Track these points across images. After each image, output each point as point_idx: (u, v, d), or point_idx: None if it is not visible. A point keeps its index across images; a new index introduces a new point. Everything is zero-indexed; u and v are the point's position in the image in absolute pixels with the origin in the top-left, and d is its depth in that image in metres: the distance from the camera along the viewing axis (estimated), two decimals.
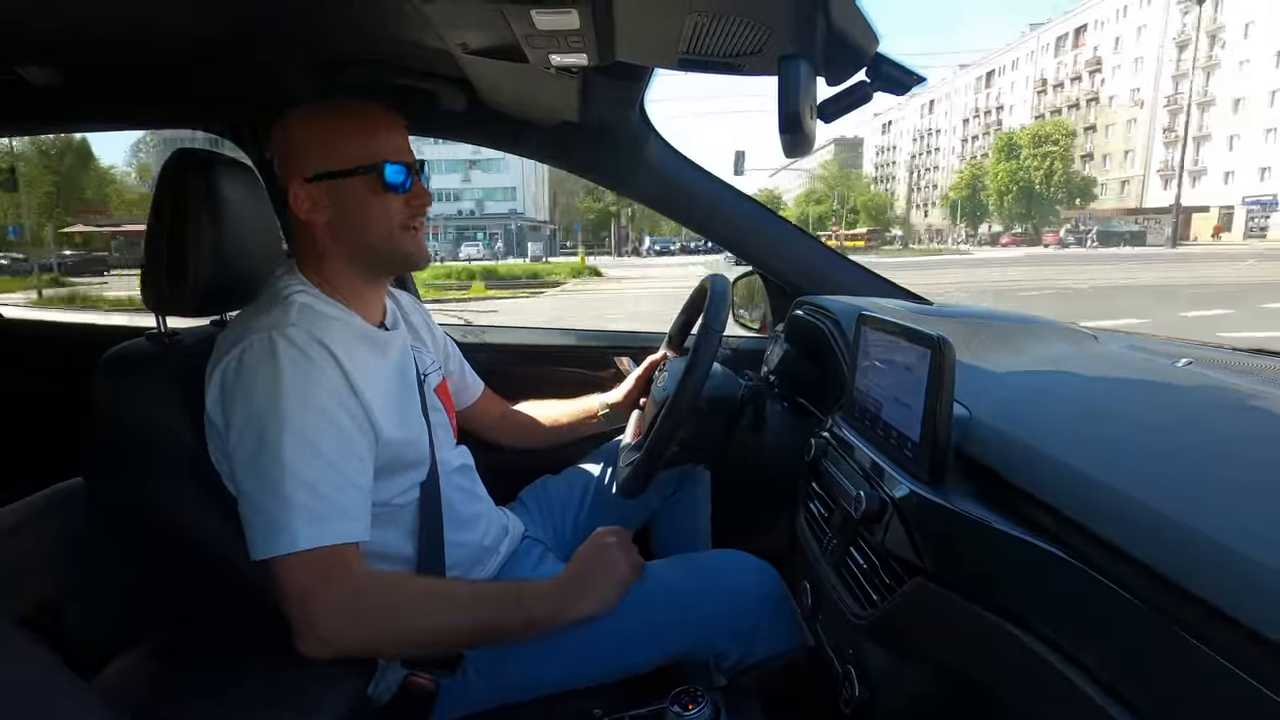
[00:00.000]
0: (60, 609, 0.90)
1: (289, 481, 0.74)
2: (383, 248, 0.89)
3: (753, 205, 1.45)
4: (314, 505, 0.75)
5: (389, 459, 0.86)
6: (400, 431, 0.87)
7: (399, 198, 0.87)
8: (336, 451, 0.78)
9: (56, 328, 1.88)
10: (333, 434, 0.78)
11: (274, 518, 0.74)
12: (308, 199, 0.86)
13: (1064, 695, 0.44)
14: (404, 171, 0.87)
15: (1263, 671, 0.33)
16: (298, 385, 0.77)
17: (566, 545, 1.19)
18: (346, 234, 0.88)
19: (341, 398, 0.80)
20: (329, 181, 0.85)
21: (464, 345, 1.25)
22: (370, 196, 0.86)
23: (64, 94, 1.18)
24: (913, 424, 0.66)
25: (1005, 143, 50.55)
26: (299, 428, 0.75)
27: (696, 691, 0.79)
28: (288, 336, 0.78)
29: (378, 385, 0.86)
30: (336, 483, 0.77)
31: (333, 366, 0.80)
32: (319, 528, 0.75)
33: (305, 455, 0.75)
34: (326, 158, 0.85)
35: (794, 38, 0.73)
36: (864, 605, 0.70)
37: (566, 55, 0.83)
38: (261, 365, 0.77)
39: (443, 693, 0.90)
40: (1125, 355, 0.92)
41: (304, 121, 0.87)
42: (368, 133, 0.86)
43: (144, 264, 0.91)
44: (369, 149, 0.85)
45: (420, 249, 0.92)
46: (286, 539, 0.73)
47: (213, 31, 0.98)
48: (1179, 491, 0.47)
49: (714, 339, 0.94)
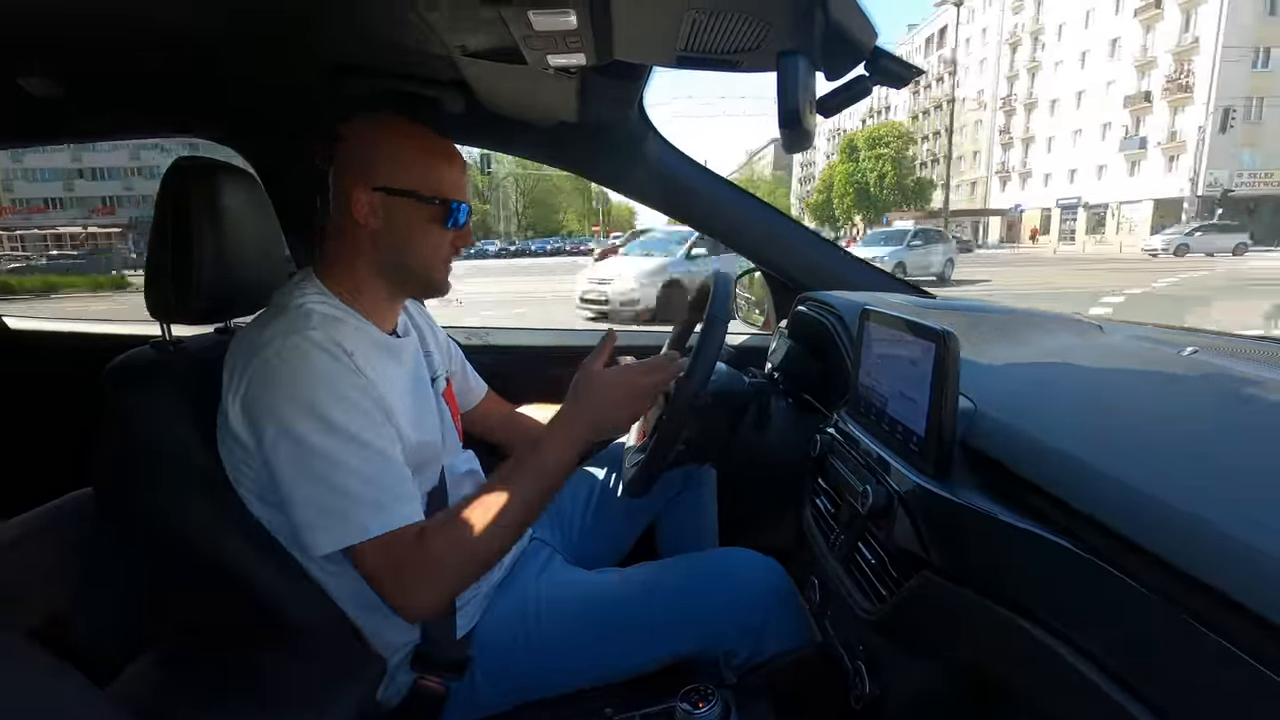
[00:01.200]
0: (70, 621, 0.90)
1: (342, 475, 0.76)
2: (420, 273, 0.91)
3: (753, 202, 1.45)
4: (372, 493, 0.77)
5: (408, 463, 0.86)
6: (417, 435, 0.89)
7: (450, 233, 0.90)
8: (380, 439, 0.80)
9: (60, 337, 1.89)
10: (373, 425, 0.80)
11: (337, 510, 0.76)
12: (368, 204, 0.86)
13: (1074, 686, 0.43)
14: (460, 211, 0.90)
15: (1268, 656, 0.33)
16: (331, 382, 0.78)
17: (573, 547, 1.19)
18: (389, 248, 0.89)
19: (371, 394, 0.81)
20: (390, 196, 0.86)
21: (467, 348, 1.25)
22: (426, 224, 0.88)
23: (64, 104, 1.18)
24: (918, 418, 0.65)
25: (847, 144, 49.89)
26: (341, 422, 0.77)
27: (706, 689, 0.79)
28: (311, 339, 0.79)
29: (396, 392, 0.87)
30: (387, 468, 0.79)
31: (356, 369, 0.81)
32: (382, 514, 0.77)
33: (352, 447, 0.77)
34: (394, 172, 0.86)
35: (792, 33, 0.73)
36: (872, 600, 0.70)
37: (564, 55, 0.83)
38: (290, 367, 0.77)
39: (452, 696, 0.90)
40: (1130, 345, 0.91)
41: (376, 130, 0.88)
42: (442, 163, 0.89)
43: (146, 272, 0.91)
44: (439, 179, 0.88)
45: (446, 278, 0.94)
46: (355, 529, 0.76)
47: (213, 40, 0.98)
48: (1185, 481, 0.46)
49: (719, 330, 0.93)
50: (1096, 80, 38.77)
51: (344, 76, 1.08)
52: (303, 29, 0.95)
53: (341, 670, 0.76)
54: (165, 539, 0.88)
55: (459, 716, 0.92)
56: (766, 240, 1.45)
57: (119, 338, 1.80)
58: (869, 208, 46.80)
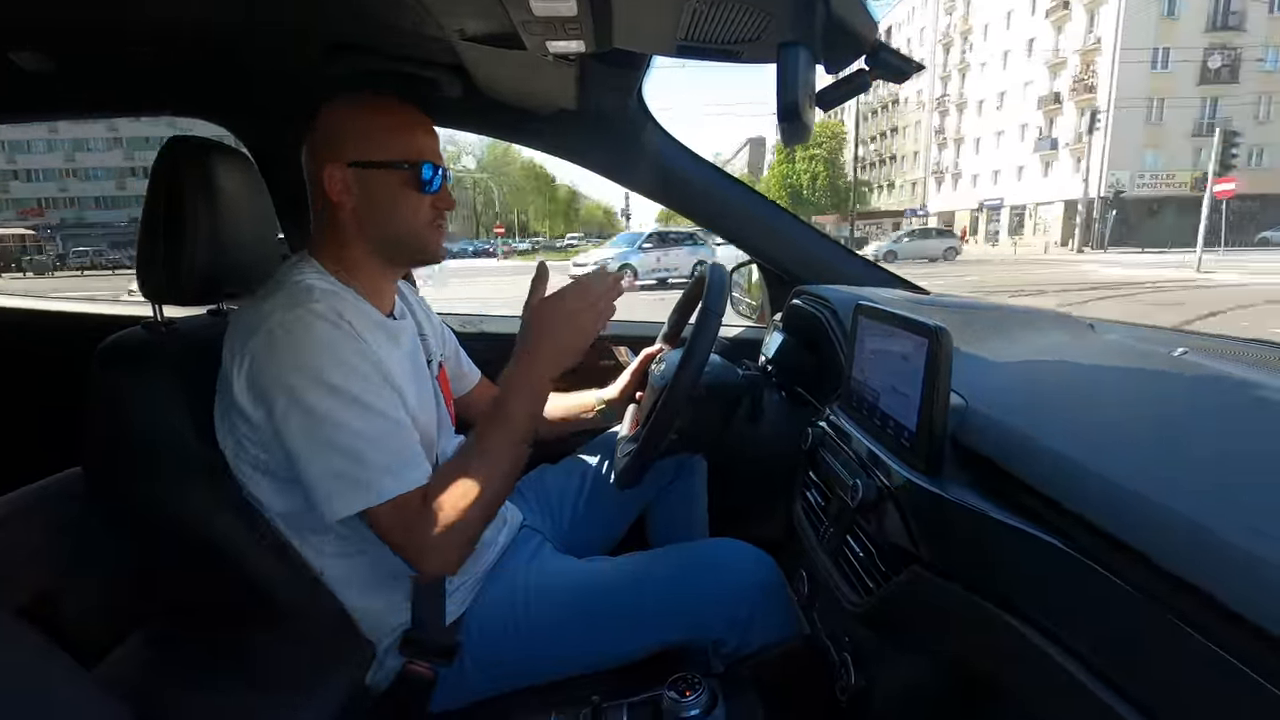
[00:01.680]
0: (58, 601, 0.90)
1: (353, 439, 0.77)
2: (406, 240, 0.91)
3: (751, 194, 1.44)
4: (382, 458, 0.78)
5: None
6: (421, 414, 0.90)
7: (427, 197, 0.90)
8: (388, 405, 0.81)
9: (49, 316, 1.87)
10: (377, 390, 0.81)
11: (349, 475, 0.77)
12: (341, 181, 0.86)
13: (1061, 684, 0.44)
14: (436, 172, 0.89)
15: (1251, 655, 0.34)
16: (337, 351, 0.79)
17: (564, 536, 1.19)
18: (371, 223, 0.89)
19: (372, 358, 0.82)
20: (363, 170, 0.86)
21: (461, 335, 1.25)
22: (401, 190, 0.88)
23: (55, 81, 1.17)
24: (910, 413, 0.66)
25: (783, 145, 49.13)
26: (349, 389, 0.78)
27: (694, 678, 0.79)
28: (315, 311, 0.79)
29: (397, 372, 0.87)
30: (397, 433, 0.81)
31: (358, 336, 0.82)
32: (394, 478, 0.79)
33: (361, 413, 0.78)
34: (365, 147, 0.86)
35: (794, 24, 0.72)
36: (860, 593, 0.70)
37: (564, 42, 0.83)
38: (296, 337, 0.78)
39: (440, 681, 0.91)
40: (1121, 344, 0.92)
41: (347, 109, 0.88)
42: (408, 130, 0.89)
43: (138, 252, 0.90)
44: (408, 146, 0.88)
45: (439, 245, 0.94)
46: (370, 493, 0.78)
47: (207, 18, 0.96)
48: (1172, 481, 0.47)
49: (713, 323, 0.93)
50: (1016, 81, 38.94)
51: (339, 56, 1.07)
52: (299, 6, 0.94)
53: (330, 653, 0.77)
54: (155, 520, 0.87)
55: (447, 702, 0.92)
56: (763, 233, 1.45)
57: (110, 318, 1.78)
58: (800, 210, 46.86)
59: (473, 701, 0.93)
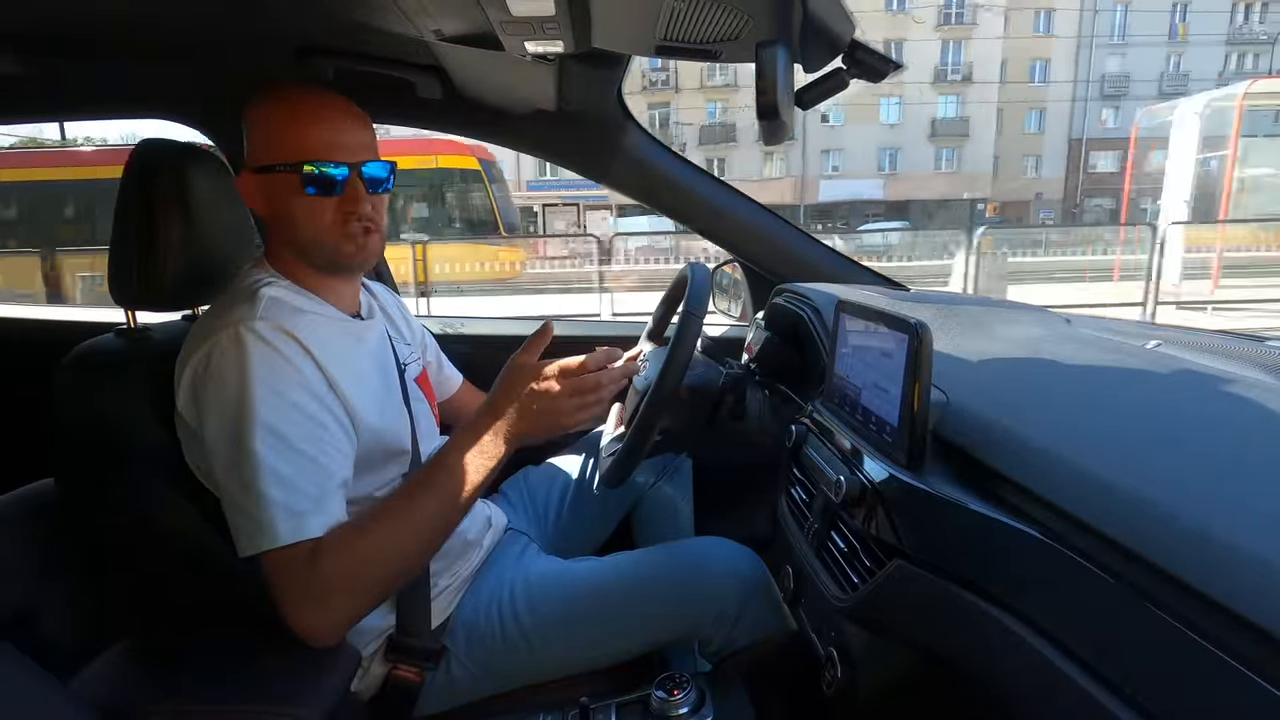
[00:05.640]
0: (33, 614, 0.88)
1: (265, 477, 0.73)
2: (315, 248, 0.85)
3: (732, 193, 1.45)
4: (290, 500, 0.73)
5: (371, 447, 0.85)
6: (381, 419, 0.86)
7: (329, 200, 0.82)
8: (312, 444, 0.76)
9: (19, 324, 1.83)
10: (307, 426, 0.76)
11: (253, 514, 0.73)
12: (252, 188, 0.84)
13: (1039, 671, 0.45)
14: (328, 172, 0.80)
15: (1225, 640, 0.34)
16: (267, 379, 0.75)
17: (549, 537, 1.19)
18: (280, 231, 0.86)
19: (314, 389, 0.78)
20: (263, 175, 0.82)
21: (442, 338, 1.24)
22: (295, 195, 0.81)
23: (24, 84, 1.14)
24: (891, 409, 0.66)
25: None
26: (271, 422, 0.74)
27: (681, 677, 0.79)
28: (255, 330, 0.76)
29: (354, 374, 0.84)
30: (313, 476, 0.76)
31: (303, 357, 0.78)
32: (296, 522, 0.73)
33: (279, 449, 0.74)
34: (264, 149, 0.82)
35: (772, 24, 0.73)
36: (845, 588, 0.71)
37: (542, 42, 0.82)
38: (230, 361, 0.75)
39: (427, 685, 0.90)
40: (1096, 338, 0.93)
41: (255, 107, 0.84)
42: (307, 124, 0.80)
43: (110, 258, 0.88)
44: (301, 144, 0.80)
45: (361, 249, 0.85)
46: (268, 536, 0.72)
47: (180, 20, 0.95)
48: (1144, 469, 0.48)
49: (695, 324, 0.93)
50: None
51: (314, 58, 1.06)
52: (271, 7, 0.92)
53: (313, 661, 0.75)
54: (129, 529, 0.86)
55: (435, 706, 0.91)
56: (744, 232, 1.45)
57: (81, 325, 1.75)
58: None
59: (460, 705, 0.93)
